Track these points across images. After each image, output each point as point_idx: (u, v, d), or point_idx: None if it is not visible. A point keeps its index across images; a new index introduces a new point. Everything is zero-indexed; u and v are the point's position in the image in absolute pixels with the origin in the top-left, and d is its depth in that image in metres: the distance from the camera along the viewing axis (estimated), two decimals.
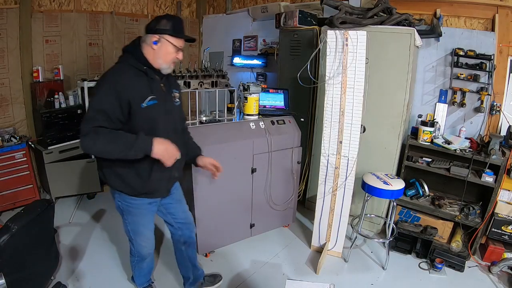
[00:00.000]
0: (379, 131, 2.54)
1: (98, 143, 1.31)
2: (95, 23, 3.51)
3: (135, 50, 1.44)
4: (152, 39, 1.41)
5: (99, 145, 1.32)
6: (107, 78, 1.38)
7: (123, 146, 1.34)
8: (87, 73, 3.52)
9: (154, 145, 1.36)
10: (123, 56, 1.46)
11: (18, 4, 2.95)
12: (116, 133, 1.34)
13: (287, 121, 2.57)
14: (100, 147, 1.33)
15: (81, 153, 3.19)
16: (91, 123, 1.31)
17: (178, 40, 1.45)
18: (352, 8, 2.48)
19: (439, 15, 2.63)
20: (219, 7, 4.45)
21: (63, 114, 3.04)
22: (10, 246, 1.58)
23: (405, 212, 2.67)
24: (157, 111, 1.44)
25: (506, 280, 2.21)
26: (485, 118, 2.61)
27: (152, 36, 1.41)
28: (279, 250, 2.49)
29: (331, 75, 2.18)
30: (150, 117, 1.42)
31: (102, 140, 1.31)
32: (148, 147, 1.36)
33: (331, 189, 2.34)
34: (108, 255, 2.39)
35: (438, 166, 2.46)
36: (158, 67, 1.46)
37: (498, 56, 2.50)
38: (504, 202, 2.30)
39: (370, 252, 2.51)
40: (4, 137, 2.86)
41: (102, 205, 3.15)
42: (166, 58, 1.45)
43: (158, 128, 1.46)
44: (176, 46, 1.45)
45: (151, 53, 1.43)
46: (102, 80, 1.38)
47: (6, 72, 3.00)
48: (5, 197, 2.83)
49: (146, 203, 1.59)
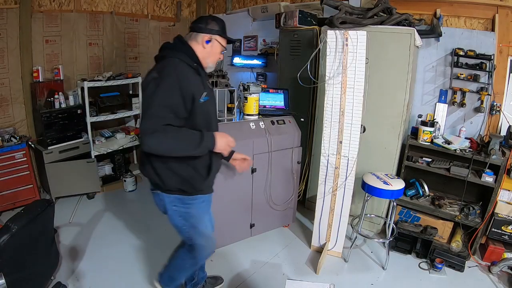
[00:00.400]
0: (379, 131, 2.54)
1: (165, 142, 1.28)
2: (95, 23, 3.51)
3: (185, 48, 1.44)
4: (204, 38, 1.45)
5: (166, 144, 1.28)
6: (168, 72, 1.32)
7: (190, 144, 1.33)
8: (87, 73, 3.52)
9: (216, 140, 1.39)
10: (171, 53, 1.42)
11: (18, 4, 2.95)
12: (182, 131, 1.33)
13: (287, 121, 2.58)
14: (167, 146, 1.29)
15: (81, 153, 3.19)
16: (158, 120, 1.26)
17: (224, 41, 1.50)
18: (352, 8, 2.48)
19: (439, 15, 2.63)
20: (219, 7, 4.45)
21: (63, 114, 3.04)
22: (10, 246, 1.58)
23: (405, 212, 2.67)
24: (210, 106, 1.49)
25: (506, 280, 2.21)
26: (485, 118, 2.61)
27: (204, 36, 1.44)
28: (279, 250, 2.49)
29: (331, 75, 2.18)
30: (207, 112, 1.46)
31: (170, 139, 1.28)
32: (212, 143, 1.38)
33: (331, 189, 2.34)
34: (108, 255, 2.39)
35: (438, 166, 2.46)
36: (205, 66, 1.50)
37: (498, 56, 2.50)
38: (504, 202, 2.30)
39: (370, 252, 2.51)
40: (4, 137, 2.86)
41: (102, 205, 3.15)
42: (213, 58, 1.51)
43: (212, 122, 1.51)
44: (223, 47, 1.51)
45: (201, 52, 1.46)
46: (161, 74, 1.32)
47: (6, 72, 3.00)
48: (5, 197, 2.83)
49: (203, 201, 1.56)
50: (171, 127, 1.28)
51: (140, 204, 3.21)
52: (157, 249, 2.48)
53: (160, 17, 4.16)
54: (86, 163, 3.16)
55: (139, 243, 2.55)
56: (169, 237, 2.64)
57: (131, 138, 3.73)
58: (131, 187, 3.48)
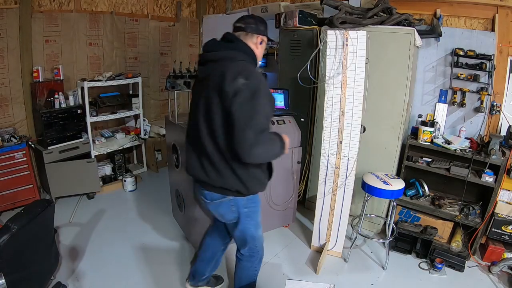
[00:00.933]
0: (379, 131, 2.54)
1: (269, 151, 1.34)
2: (95, 23, 3.51)
3: (249, 50, 1.45)
4: (259, 39, 1.49)
5: (269, 152, 1.35)
6: (257, 79, 1.33)
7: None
8: (87, 73, 3.52)
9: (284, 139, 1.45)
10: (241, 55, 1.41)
11: (18, 4, 2.95)
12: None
13: (287, 121, 2.57)
14: (269, 154, 1.37)
15: (81, 153, 3.20)
16: (263, 131, 1.29)
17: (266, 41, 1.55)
18: (352, 8, 2.48)
19: (439, 15, 2.63)
20: (219, 7, 4.45)
21: (63, 114, 3.04)
22: (10, 246, 1.58)
23: (405, 212, 2.67)
24: None
25: (506, 280, 2.21)
26: (485, 118, 2.61)
27: (258, 37, 1.48)
28: (279, 250, 2.49)
29: (331, 75, 2.18)
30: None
31: (271, 146, 1.34)
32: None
33: (331, 189, 2.34)
34: (108, 255, 2.39)
35: (438, 166, 2.46)
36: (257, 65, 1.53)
37: (498, 56, 2.50)
38: (504, 202, 2.30)
39: (370, 252, 2.51)
40: (4, 137, 2.86)
41: (102, 205, 3.15)
42: (261, 57, 1.55)
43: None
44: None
45: (255, 52, 1.49)
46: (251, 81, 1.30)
47: (6, 72, 3.00)
48: (5, 197, 2.83)
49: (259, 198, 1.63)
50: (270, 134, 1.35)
51: (140, 204, 3.21)
52: (157, 249, 2.48)
53: (160, 17, 4.16)
54: (86, 163, 3.16)
55: (139, 243, 2.55)
56: (169, 237, 2.65)
57: (131, 138, 3.74)
58: (131, 187, 3.48)
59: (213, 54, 1.42)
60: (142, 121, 3.86)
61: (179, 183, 2.45)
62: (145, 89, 3.99)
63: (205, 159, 1.45)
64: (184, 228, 2.61)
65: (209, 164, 1.44)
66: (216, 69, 1.36)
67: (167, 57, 4.29)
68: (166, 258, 2.38)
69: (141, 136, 3.86)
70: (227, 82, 1.28)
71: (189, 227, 2.49)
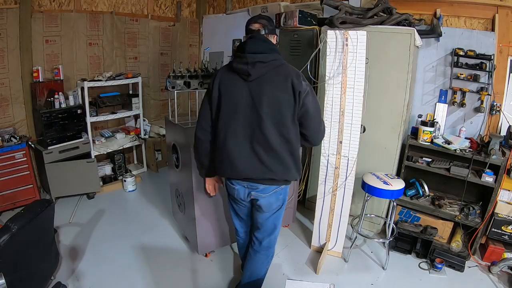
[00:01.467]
0: (379, 131, 2.54)
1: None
2: (95, 23, 3.51)
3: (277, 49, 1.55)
4: (275, 38, 1.61)
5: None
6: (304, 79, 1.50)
7: None
8: (87, 73, 3.52)
9: None
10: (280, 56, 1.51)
11: (18, 4, 2.95)
12: None
13: None
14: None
15: (81, 153, 3.20)
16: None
17: None
18: (352, 8, 2.48)
19: (439, 15, 2.63)
20: (219, 7, 4.45)
21: (63, 114, 3.04)
22: (10, 246, 1.58)
23: (405, 212, 2.67)
24: None
25: (506, 280, 2.21)
26: (485, 118, 2.60)
27: (274, 36, 1.61)
28: (279, 250, 2.49)
29: (331, 75, 2.18)
30: None
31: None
32: None
33: (331, 189, 2.34)
34: (108, 255, 2.39)
35: (438, 166, 2.46)
36: None
37: (498, 56, 2.50)
38: (504, 202, 2.30)
39: (370, 252, 2.51)
40: (4, 137, 2.85)
41: (102, 205, 3.15)
42: None
43: None
44: None
45: None
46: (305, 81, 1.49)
47: (6, 72, 3.00)
48: (5, 197, 2.83)
49: None
50: None
51: (140, 204, 3.21)
52: (157, 249, 2.48)
53: (160, 17, 4.16)
54: (86, 163, 3.16)
55: (139, 243, 2.55)
56: (169, 237, 2.65)
57: (131, 138, 3.74)
58: (131, 187, 3.48)
59: (264, 56, 1.46)
60: (142, 121, 3.86)
61: (179, 183, 2.45)
62: (145, 89, 3.99)
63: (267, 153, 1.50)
64: (184, 228, 2.61)
65: (272, 157, 1.50)
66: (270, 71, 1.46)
67: (167, 57, 4.29)
68: (166, 258, 2.38)
69: (141, 136, 3.86)
70: (297, 83, 1.45)
71: (189, 227, 2.48)
